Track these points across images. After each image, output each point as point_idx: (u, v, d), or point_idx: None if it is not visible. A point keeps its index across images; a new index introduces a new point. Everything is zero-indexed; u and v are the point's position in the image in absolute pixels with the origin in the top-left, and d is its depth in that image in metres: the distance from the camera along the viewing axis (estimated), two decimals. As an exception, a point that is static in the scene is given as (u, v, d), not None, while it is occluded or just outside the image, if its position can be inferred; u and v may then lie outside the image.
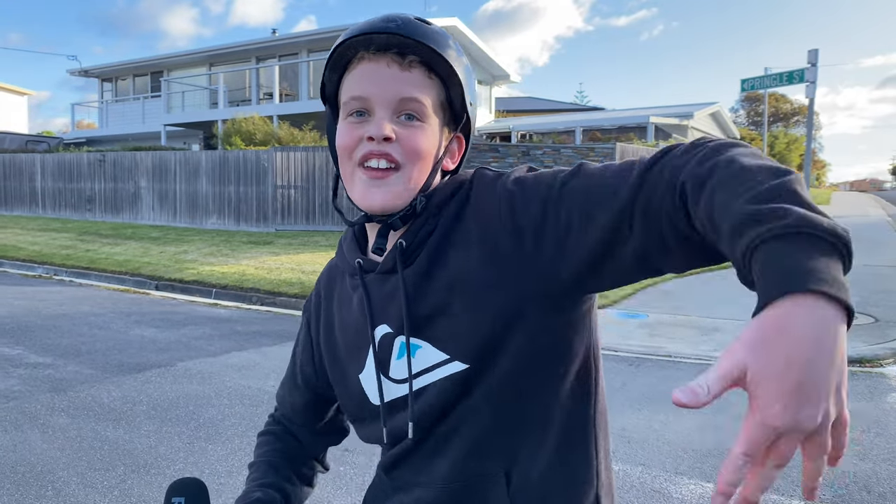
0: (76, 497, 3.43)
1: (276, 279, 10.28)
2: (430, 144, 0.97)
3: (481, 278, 0.92)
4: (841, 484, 3.61)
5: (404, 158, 0.95)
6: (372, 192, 0.95)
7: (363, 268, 1.03)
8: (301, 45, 23.58)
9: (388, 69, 0.95)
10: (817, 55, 7.17)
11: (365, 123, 0.95)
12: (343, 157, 0.98)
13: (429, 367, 0.96)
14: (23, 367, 5.78)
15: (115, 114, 28.35)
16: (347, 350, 1.07)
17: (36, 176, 20.82)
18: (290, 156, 15.47)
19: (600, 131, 22.54)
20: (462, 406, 0.95)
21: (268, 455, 1.21)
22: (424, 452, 1.00)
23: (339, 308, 1.10)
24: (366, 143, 0.94)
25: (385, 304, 1.00)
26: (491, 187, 0.96)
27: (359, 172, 0.96)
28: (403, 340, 0.98)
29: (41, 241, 15.49)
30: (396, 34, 0.93)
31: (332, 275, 1.15)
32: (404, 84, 0.95)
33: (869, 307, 8.37)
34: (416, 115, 0.96)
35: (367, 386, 1.04)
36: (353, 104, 0.96)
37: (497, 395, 0.94)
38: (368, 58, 0.96)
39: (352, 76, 0.97)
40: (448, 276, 0.95)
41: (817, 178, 67.70)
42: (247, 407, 4.82)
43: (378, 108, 0.95)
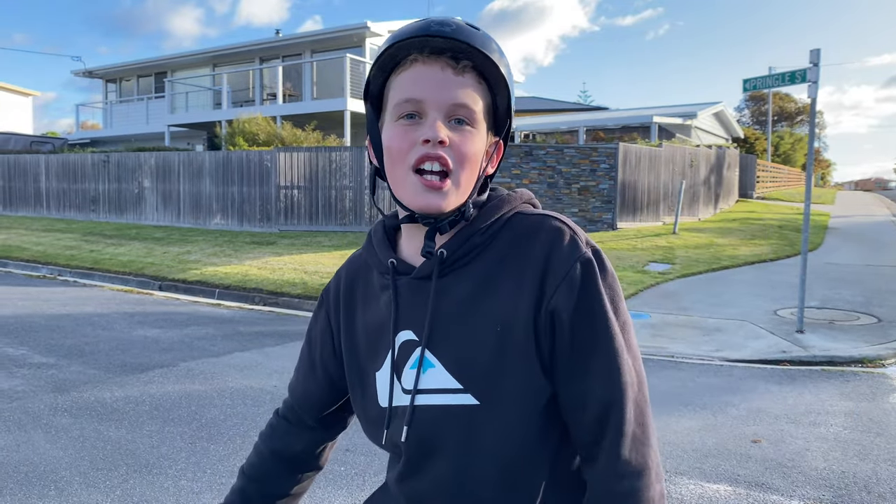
0: (79, 497, 3.45)
1: (279, 279, 10.31)
2: (479, 150, 0.99)
3: (522, 324, 0.94)
4: None
5: (455, 163, 0.96)
6: (427, 198, 0.95)
7: (396, 269, 1.04)
8: (304, 46, 23.61)
9: (443, 73, 0.96)
10: (819, 55, 7.14)
11: (418, 126, 0.96)
12: (395, 160, 0.97)
13: (436, 390, 0.97)
14: (26, 368, 5.81)
15: (119, 114, 28.43)
16: (369, 346, 1.08)
17: (40, 176, 20.88)
18: (293, 156, 15.49)
19: (604, 131, 22.52)
20: (461, 438, 0.96)
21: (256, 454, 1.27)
22: (424, 472, 1.01)
23: (364, 302, 1.10)
24: (420, 146, 0.95)
25: (414, 310, 1.01)
26: (569, 260, 0.95)
27: (412, 178, 0.96)
28: (418, 353, 0.99)
29: (45, 241, 15.54)
30: (452, 38, 0.94)
31: (356, 267, 1.14)
32: (458, 89, 0.96)
33: (872, 307, 8.36)
34: (466, 121, 0.97)
35: (380, 385, 1.05)
36: (405, 106, 0.96)
37: (500, 439, 0.95)
38: (422, 60, 0.96)
39: (403, 78, 0.97)
40: (494, 309, 0.96)
41: (822, 177, 67.48)
42: (249, 407, 4.84)
43: (431, 110, 0.95)
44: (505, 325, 0.95)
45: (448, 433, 0.96)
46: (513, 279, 0.96)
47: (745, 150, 33.03)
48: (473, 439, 0.95)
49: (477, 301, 0.97)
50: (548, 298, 0.94)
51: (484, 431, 0.95)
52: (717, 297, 8.98)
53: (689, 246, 13.27)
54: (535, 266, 0.96)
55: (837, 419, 4.65)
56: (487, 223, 1.01)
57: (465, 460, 0.97)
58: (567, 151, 14.86)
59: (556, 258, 0.95)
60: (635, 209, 15.55)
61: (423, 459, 1.00)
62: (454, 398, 0.96)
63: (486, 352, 0.95)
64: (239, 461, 3.89)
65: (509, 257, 0.98)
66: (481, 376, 0.95)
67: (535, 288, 0.95)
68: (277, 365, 5.99)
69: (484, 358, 0.95)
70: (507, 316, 0.95)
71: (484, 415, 0.94)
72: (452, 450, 0.97)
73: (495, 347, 0.95)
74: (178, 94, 25.52)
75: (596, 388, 0.93)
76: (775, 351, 6.47)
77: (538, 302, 0.94)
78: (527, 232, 0.99)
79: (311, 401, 1.21)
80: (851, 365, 6.07)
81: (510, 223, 1.01)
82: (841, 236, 16.73)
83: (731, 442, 4.20)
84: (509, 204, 1.04)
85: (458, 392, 0.95)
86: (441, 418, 0.96)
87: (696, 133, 25.48)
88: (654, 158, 16.20)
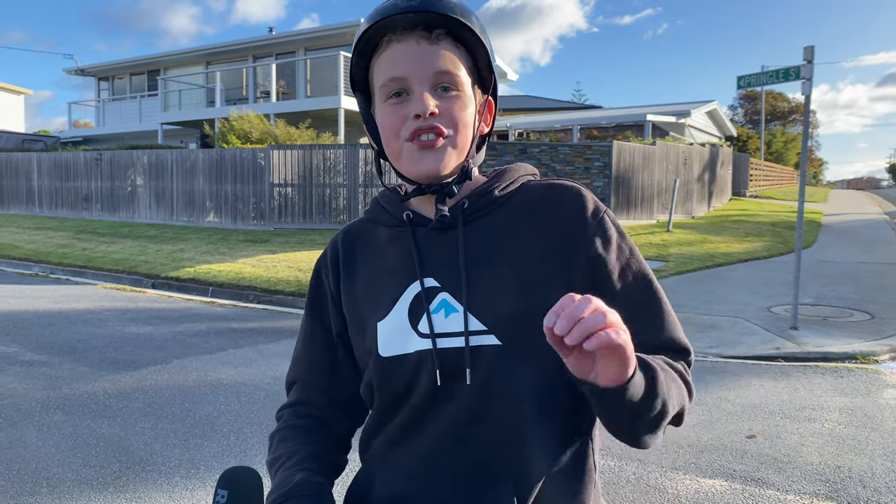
0: (71, 493, 3.42)
1: (273, 277, 10.27)
2: (469, 112, 1.01)
3: (546, 272, 1.00)
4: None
5: (449, 128, 0.99)
6: (424, 159, 0.99)
7: (412, 220, 1.06)
8: (298, 44, 23.55)
9: (419, 46, 0.98)
10: (813, 52, 7.15)
11: (407, 102, 0.98)
12: (390, 138, 1.00)
13: (460, 333, 0.98)
14: (18, 365, 5.77)
15: (111, 113, 28.30)
16: (372, 298, 1.06)
17: (32, 175, 20.78)
18: (287, 154, 15.45)
19: (598, 129, 22.54)
20: (484, 378, 0.97)
21: (298, 444, 1.09)
22: (446, 413, 0.99)
23: (366, 261, 1.11)
24: (412, 121, 0.97)
25: (434, 258, 1.03)
26: (590, 212, 1.03)
27: (408, 145, 0.99)
28: (445, 297, 1.00)
29: (38, 239, 15.46)
30: (420, 11, 0.96)
31: (355, 231, 1.15)
32: (436, 58, 0.98)
33: (865, 304, 8.38)
34: (451, 86, 0.99)
35: (381, 336, 1.02)
36: (391, 86, 0.99)
37: (520, 377, 0.97)
38: (397, 39, 0.98)
39: (383, 59, 1.00)
40: (516, 255, 1.01)
41: (815, 176, 67.75)
42: (243, 404, 4.82)
43: (416, 85, 0.98)
44: (530, 272, 0.99)
45: (477, 372, 0.97)
46: (536, 234, 1.02)
47: (739, 149, 33.13)
48: (496, 379, 0.97)
49: (499, 248, 1.02)
50: (586, 251, 1.01)
51: (506, 371, 0.96)
52: (711, 295, 8.99)
53: (682, 243, 13.29)
54: (564, 225, 1.02)
55: (832, 415, 4.66)
56: (503, 184, 1.06)
57: (491, 395, 0.97)
58: (561, 149, 14.86)
59: (584, 217, 1.03)
60: (629, 207, 15.56)
61: (446, 401, 0.98)
62: (478, 339, 0.97)
63: (508, 295, 0.98)
64: (232, 458, 3.86)
65: (529, 210, 1.04)
66: (505, 319, 0.97)
67: (566, 245, 1.01)
68: (271, 362, 5.97)
69: (508, 302, 0.98)
70: (531, 266, 1.00)
71: (507, 355, 0.96)
72: (481, 387, 0.97)
73: (518, 291, 0.98)
74: (172, 92, 25.40)
75: (650, 327, 1.02)
76: (770, 347, 6.48)
77: (572, 256, 1.01)
78: (544, 191, 1.06)
79: (319, 374, 1.14)
80: (845, 361, 6.08)
81: (524, 187, 1.08)
82: (834, 234, 16.79)
83: (727, 437, 4.20)
84: (516, 172, 1.10)
85: (483, 333, 0.97)
86: (464, 359, 0.97)
87: (689, 131, 25.53)
88: (648, 156, 16.22)
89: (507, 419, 0.97)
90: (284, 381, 1.21)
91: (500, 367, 0.96)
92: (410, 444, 1.02)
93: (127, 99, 27.91)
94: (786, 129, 57.31)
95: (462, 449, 0.98)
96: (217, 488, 0.94)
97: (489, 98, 1.08)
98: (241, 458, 3.85)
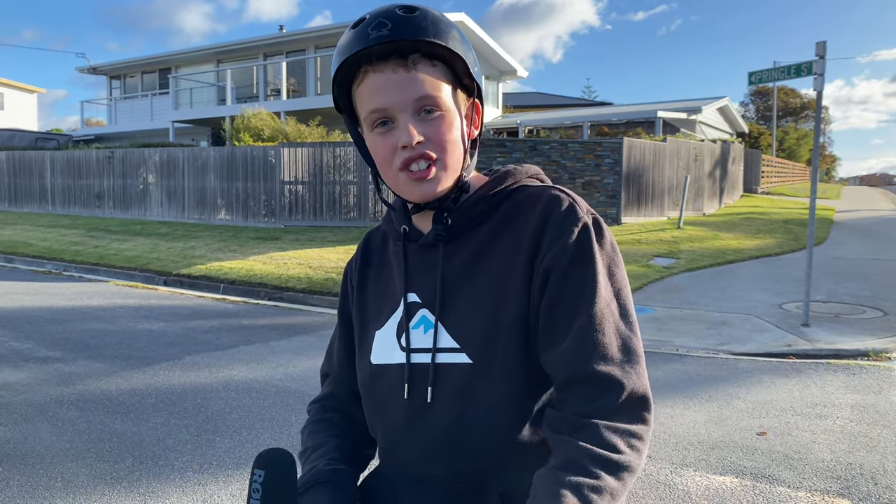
0: (85, 488, 3.46)
1: (284, 274, 10.32)
2: (455, 128, 1.01)
3: (514, 286, 0.99)
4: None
5: (438, 151, 0.99)
6: (419, 187, 1.00)
7: (407, 236, 1.09)
8: (308, 41, 23.60)
9: (395, 74, 0.97)
10: (825, 48, 7.09)
11: (392, 131, 0.98)
12: (383, 166, 1.01)
13: (439, 349, 1.01)
14: (32, 361, 5.83)
15: (123, 111, 28.46)
16: (376, 307, 1.12)
17: (46, 173, 20.94)
18: (297, 152, 15.49)
19: (608, 126, 22.47)
20: (454, 396, 0.99)
21: (324, 437, 1.16)
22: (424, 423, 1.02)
23: (378, 270, 1.15)
24: (400, 151, 0.98)
25: (419, 274, 1.05)
26: (556, 219, 0.99)
27: (402, 175, 1.00)
28: (425, 314, 1.03)
29: (51, 237, 15.58)
30: (392, 41, 0.95)
31: (374, 239, 1.21)
32: (415, 84, 0.97)
33: (878, 300, 8.33)
34: (434, 108, 0.98)
35: (377, 343, 1.08)
36: (374, 116, 0.98)
37: (492, 394, 0.98)
38: (373, 69, 0.97)
39: (362, 89, 0.99)
40: (491, 272, 1.01)
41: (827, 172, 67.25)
42: (254, 400, 4.85)
43: (399, 113, 0.97)
44: (500, 288, 1.00)
45: (445, 388, 1.00)
46: (510, 244, 1.01)
47: (750, 145, 32.93)
48: (466, 394, 0.99)
49: (476, 266, 1.02)
50: (541, 257, 0.98)
51: (475, 387, 0.98)
52: (722, 291, 8.95)
53: (693, 240, 13.24)
54: (532, 230, 1.00)
55: (844, 412, 4.63)
56: (490, 193, 1.05)
57: (460, 412, 1.00)
58: (571, 146, 14.82)
59: (552, 221, 0.99)
60: (640, 204, 15.51)
61: (418, 416, 1.03)
62: (451, 357, 1.00)
63: (482, 314, 0.99)
64: (244, 453, 3.89)
65: (509, 224, 1.03)
66: (477, 337, 0.99)
67: (529, 251, 0.99)
68: (282, 358, 6.00)
69: (480, 320, 0.99)
70: (503, 279, 1.00)
71: (476, 372, 0.98)
72: (448, 403, 1.00)
73: (491, 309, 0.99)
74: (183, 90, 25.52)
75: (568, 352, 0.95)
76: (781, 344, 6.45)
77: (531, 263, 0.99)
78: (527, 201, 1.04)
79: (343, 370, 1.21)
80: (857, 358, 6.05)
81: (514, 194, 1.06)
82: (846, 231, 16.68)
83: (737, 434, 4.19)
84: (513, 177, 1.08)
85: (454, 351, 1.00)
86: (439, 375, 1.00)
87: (700, 128, 25.39)
88: (659, 153, 16.16)
89: (481, 435, 0.99)
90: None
91: (469, 385, 0.98)
92: (394, 454, 1.08)
93: (138, 97, 28.06)
94: (798, 126, 56.91)
95: (441, 463, 1.02)
96: (254, 468, 0.98)
97: (475, 101, 1.07)
98: (252, 454, 3.88)
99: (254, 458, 0.99)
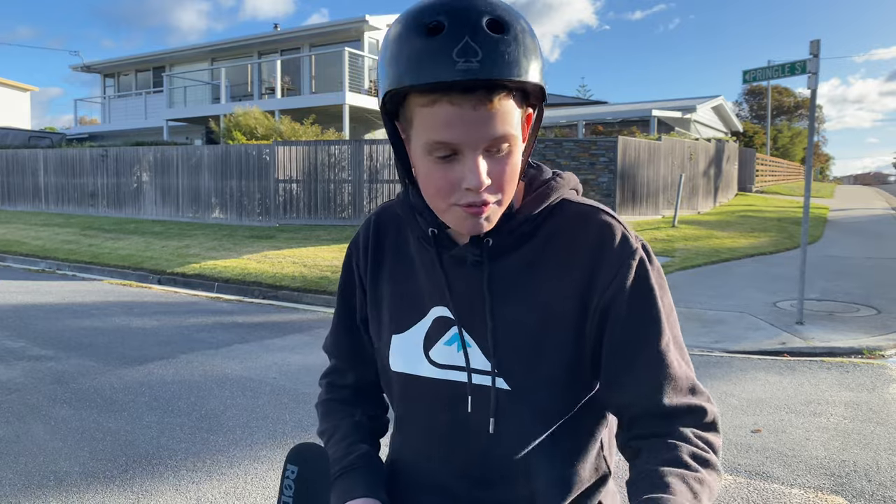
0: (78, 487, 3.44)
1: (278, 273, 10.30)
2: (518, 161, 0.91)
3: (562, 311, 0.95)
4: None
5: (499, 193, 0.90)
6: (472, 223, 0.91)
7: (438, 240, 1.00)
8: (303, 40, 23.56)
9: (475, 112, 0.84)
10: (819, 46, 7.11)
11: (455, 165, 0.87)
12: (434, 197, 0.91)
13: (472, 369, 0.98)
14: (25, 360, 5.80)
15: (117, 109, 28.38)
16: (397, 308, 1.06)
17: (39, 171, 20.85)
18: (291, 150, 15.46)
19: (603, 125, 22.50)
20: (487, 419, 0.98)
21: (339, 418, 1.16)
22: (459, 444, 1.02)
23: (395, 262, 1.08)
24: (463, 192, 0.88)
25: (454, 289, 0.99)
26: (615, 249, 0.95)
27: (454, 210, 0.91)
28: (456, 331, 0.99)
29: (44, 235, 15.52)
30: (484, 80, 0.81)
31: (386, 221, 1.11)
32: (493, 123, 0.85)
33: (872, 299, 8.36)
34: (506, 144, 0.88)
35: (395, 348, 1.04)
36: (438, 148, 0.86)
37: (526, 421, 0.98)
38: (449, 100, 0.83)
39: (428, 114, 0.85)
40: (536, 296, 0.96)
41: (821, 171, 67.47)
42: (248, 398, 4.83)
43: (469, 151, 0.86)
44: (546, 314, 0.95)
45: (481, 410, 0.98)
46: (559, 269, 0.96)
47: (744, 144, 33.01)
48: (500, 421, 0.97)
49: (519, 288, 0.97)
50: (599, 294, 0.94)
51: (511, 413, 0.97)
52: (717, 290, 8.97)
53: (688, 238, 13.27)
54: (586, 260, 0.95)
55: (837, 409, 4.65)
56: (535, 212, 0.98)
57: (492, 439, 0.99)
58: (566, 145, 14.84)
59: (608, 255, 0.94)
60: (634, 202, 15.53)
61: (450, 434, 1.02)
62: (487, 379, 0.97)
63: (523, 338, 0.96)
64: (238, 452, 3.88)
65: (556, 246, 0.97)
66: (516, 362, 0.96)
67: (584, 282, 0.95)
68: (277, 357, 5.98)
69: (520, 344, 0.96)
70: (550, 305, 0.95)
71: (513, 399, 0.96)
72: (478, 427, 0.99)
73: (533, 335, 0.95)
74: (177, 88, 25.45)
75: (639, 390, 0.95)
76: (775, 342, 6.46)
77: (587, 296, 0.95)
78: (575, 223, 0.98)
79: (352, 359, 1.19)
80: (851, 356, 6.07)
81: (557, 209, 1.00)
82: (840, 229, 16.74)
83: (732, 432, 4.20)
84: (557, 192, 1.00)
85: (491, 374, 0.96)
86: (476, 396, 0.98)
87: (695, 127, 25.44)
88: (654, 152, 16.18)
89: (512, 460, 0.99)
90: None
91: (504, 410, 0.97)
92: (422, 463, 1.08)
93: (132, 95, 27.97)
94: (792, 125, 57.06)
95: (471, 477, 1.02)
96: (287, 463, 0.97)
97: (531, 112, 0.95)
98: (247, 453, 3.87)
99: (286, 454, 0.98)
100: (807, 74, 7.13)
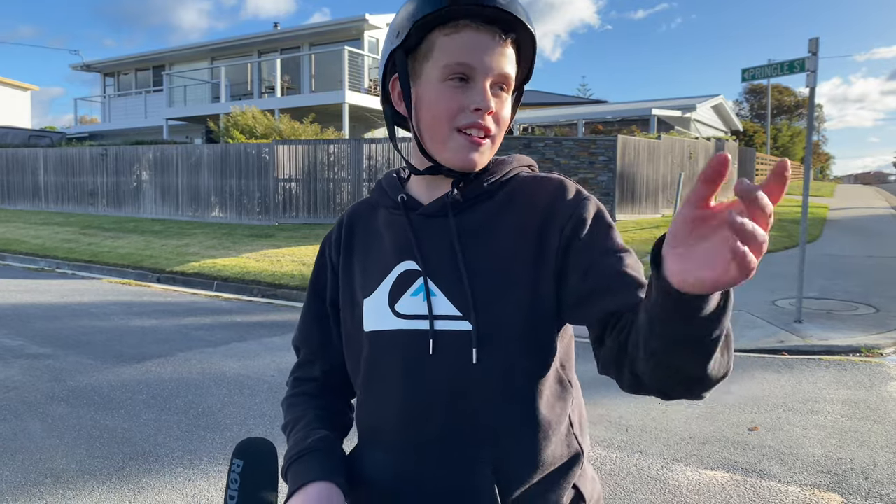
0: (75, 484, 3.44)
1: (278, 271, 10.30)
2: (508, 111, 1.05)
3: (519, 256, 1.01)
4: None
5: (495, 128, 1.02)
6: (472, 156, 1.01)
7: (406, 204, 1.08)
8: (303, 39, 23.55)
9: (493, 42, 0.99)
10: (818, 44, 7.10)
11: (467, 90, 0.99)
12: (440, 120, 1.01)
13: (437, 316, 1.01)
14: (23, 358, 5.80)
15: (117, 108, 28.35)
16: (364, 275, 1.10)
17: (39, 170, 20.86)
18: (291, 149, 15.46)
19: (602, 124, 22.49)
20: (453, 362, 1.00)
21: (304, 409, 1.15)
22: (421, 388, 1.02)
23: (364, 239, 1.14)
24: (471, 113, 0.99)
25: (421, 243, 1.05)
26: (569, 197, 1.03)
27: (457, 136, 1.00)
28: (422, 282, 1.03)
29: (44, 234, 15.52)
30: (505, 11, 0.98)
31: (358, 211, 1.19)
32: (505, 59, 1.00)
33: (870, 297, 8.35)
34: (505, 87, 1.02)
35: (367, 310, 1.07)
36: (457, 69, 0.98)
37: (492, 362, 0.99)
38: (475, 27, 0.98)
39: (454, 40, 0.98)
40: (495, 245, 1.02)
41: (821, 170, 67.43)
42: (246, 396, 4.84)
43: (481, 78, 0.98)
44: (510, 260, 1.01)
45: (447, 355, 1.00)
46: (520, 217, 1.03)
47: (744, 143, 32.99)
48: (466, 363, 0.99)
49: (479, 238, 1.03)
50: (559, 232, 0.99)
51: (478, 355, 0.99)
52: (716, 288, 8.95)
53: (687, 238, 13.23)
54: (544, 207, 1.02)
55: (835, 407, 4.65)
56: (497, 176, 1.07)
57: (461, 377, 1.00)
58: (566, 143, 14.83)
59: (564, 201, 1.02)
60: (634, 201, 15.53)
61: (417, 383, 1.02)
62: (451, 324, 1.00)
63: (484, 283, 1.00)
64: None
65: (517, 203, 1.05)
66: (479, 305, 0.99)
67: (544, 227, 1.01)
68: (275, 355, 5.99)
69: (482, 288, 1.00)
70: (513, 250, 1.01)
71: (478, 339, 0.99)
72: (448, 368, 1.00)
73: (494, 279, 1.00)
74: (177, 87, 25.44)
75: (621, 290, 0.93)
76: (773, 340, 6.46)
77: (547, 238, 1.00)
78: (533, 183, 1.07)
79: (322, 349, 1.19)
80: (849, 354, 6.07)
81: (514, 179, 1.09)
82: (839, 228, 16.73)
83: (729, 430, 4.20)
84: (515, 162, 1.11)
85: (457, 318, 1.00)
86: (440, 341, 1.00)
87: (694, 126, 25.45)
88: (653, 150, 16.17)
89: (478, 402, 1.00)
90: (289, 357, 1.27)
91: (469, 352, 0.99)
92: (389, 423, 1.06)
93: (132, 94, 27.95)
94: (792, 124, 57.00)
95: (437, 431, 1.01)
96: (232, 458, 0.97)
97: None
98: (243, 450, 3.87)
99: (234, 447, 0.97)
100: (805, 73, 7.13)
